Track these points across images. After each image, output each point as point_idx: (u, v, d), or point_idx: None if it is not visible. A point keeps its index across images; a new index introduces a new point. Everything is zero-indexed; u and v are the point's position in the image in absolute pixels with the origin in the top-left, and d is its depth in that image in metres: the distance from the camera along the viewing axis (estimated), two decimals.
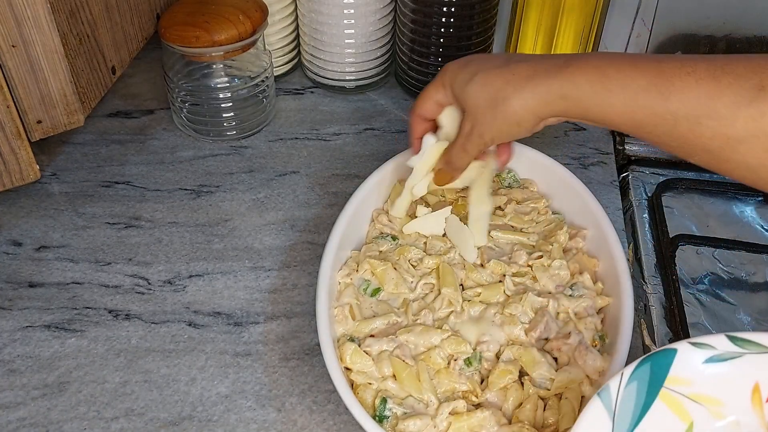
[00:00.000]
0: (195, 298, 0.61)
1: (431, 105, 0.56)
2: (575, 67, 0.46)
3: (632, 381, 0.41)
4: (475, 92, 0.50)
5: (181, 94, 0.75)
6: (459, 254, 0.59)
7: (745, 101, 0.41)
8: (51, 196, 0.70)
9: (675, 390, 0.41)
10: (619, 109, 0.45)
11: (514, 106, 0.48)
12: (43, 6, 0.57)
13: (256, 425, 0.53)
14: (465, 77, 0.51)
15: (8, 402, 0.54)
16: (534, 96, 0.48)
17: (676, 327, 0.61)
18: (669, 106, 0.43)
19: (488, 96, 0.49)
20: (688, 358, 0.41)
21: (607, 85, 0.45)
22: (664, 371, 0.41)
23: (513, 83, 0.48)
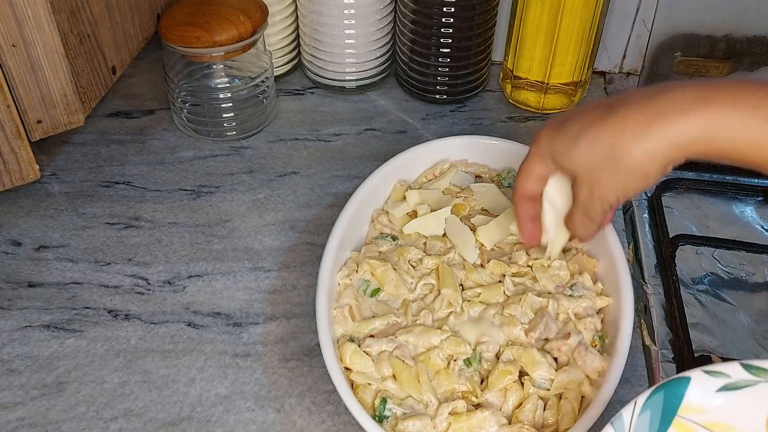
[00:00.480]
0: (194, 298, 0.61)
1: (533, 182, 0.49)
2: (720, 102, 0.40)
3: (645, 409, 0.40)
4: (584, 155, 0.44)
5: (182, 94, 0.75)
6: (459, 254, 0.59)
7: None
8: (51, 196, 0.70)
9: (689, 419, 0.41)
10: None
11: (639, 157, 0.42)
12: (43, 6, 0.57)
13: (255, 426, 0.53)
14: (566, 142, 0.45)
15: (7, 402, 0.54)
16: (663, 142, 0.41)
17: (676, 327, 0.61)
18: None
19: (601, 155, 0.43)
20: (702, 386, 0.41)
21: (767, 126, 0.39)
22: (677, 400, 0.41)
23: (629, 133, 0.42)
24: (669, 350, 0.60)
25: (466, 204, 0.62)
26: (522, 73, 0.78)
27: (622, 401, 0.52)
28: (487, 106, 0.81)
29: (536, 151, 0.48)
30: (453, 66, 0.77)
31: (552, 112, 0.79)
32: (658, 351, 0.59)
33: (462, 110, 0.80)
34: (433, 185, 0.64)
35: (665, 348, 0.60)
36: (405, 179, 0.66)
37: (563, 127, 0.46)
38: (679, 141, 0.41)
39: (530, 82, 0.78)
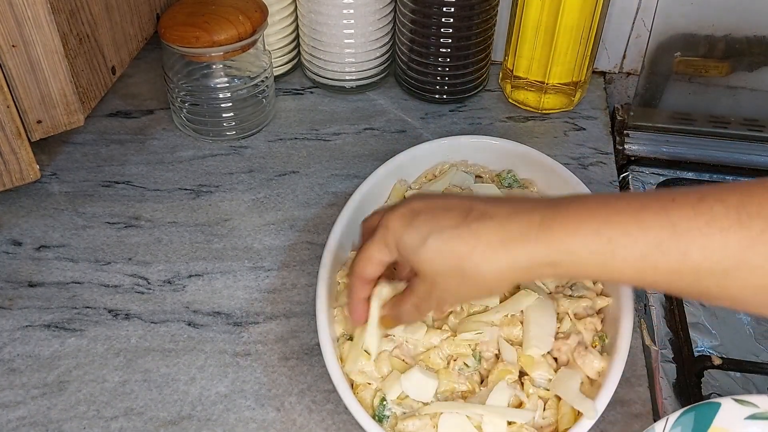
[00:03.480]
0: (194, 297, 0.61)
1: (373, 267, 0.48)
2: (561, 228, 0.40)
3: (676, 426, 0.43)
4: (431, 258, 0.43)
5: (181, 94, 0.75)
6: None
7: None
8: (51, 196, 0.70)
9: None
10: (627, 272, 0.40)
11: (486, 274, 0.42)
12: (43, 6, 0.57)
13: (256, 424, 0.53)
14: (414, 239, 0.44)
15: (8, 401, 0.54)
16: (510, 263, 0.41)
17: (676, 327, 0.61)
18: (689, 263, 0.38)
19: (450, 264, 0.43)
20: (732, 412, 0.43)
21: (611, 248, 0.39)
22: (707, 421, 0.43)
23: (480, 249, 0.42)
24: (669, 350, 0.60)
25: None
26: (522, 73, 0.78)
27: (622, 401, 0.52)
28: (487, 105, 0.81)
29: (382, 238, 0.46)
30: (452, 66, 0.77)
31: (551, 111, 0.80)
32: (658, 351, 0.59)
33: (461, 110, 0.80)
34: (433, 185, 0.64)
35: (665, 348, 0.60)
36: (405, 179, 0.66)
37: (413, 222, 0.44)
38: (527, 266, 0.41)
39: (530, 81, 0.78)
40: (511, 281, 0.44)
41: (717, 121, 0.79)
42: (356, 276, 0.49)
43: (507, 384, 0.50)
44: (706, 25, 0.74)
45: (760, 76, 0.76)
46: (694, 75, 0.78)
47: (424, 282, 0.45)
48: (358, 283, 0.50)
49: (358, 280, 0.49)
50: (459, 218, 0.43)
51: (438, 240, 0.43)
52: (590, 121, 0.79)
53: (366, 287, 0.50)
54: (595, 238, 0.39)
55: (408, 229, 0.44)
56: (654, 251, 0.38)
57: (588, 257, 0.40)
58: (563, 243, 0.40)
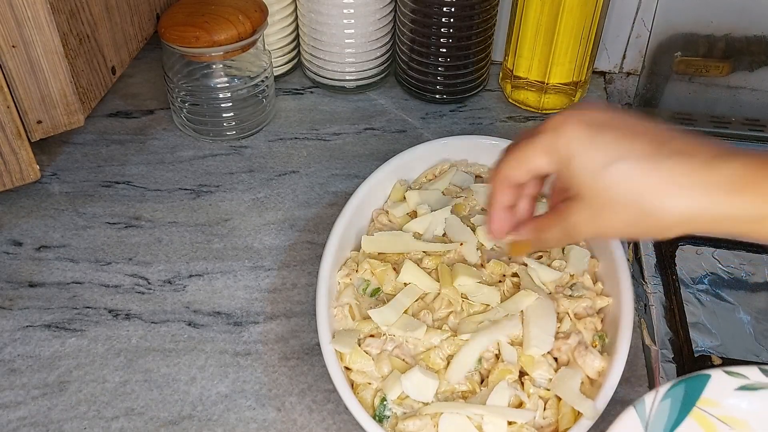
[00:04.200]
0: (195, 297, 0.61)
1: (525, 172, 0.42)
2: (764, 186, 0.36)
3: (666, 398, 0.43)
4: (614, 184, 0.38)
5: (181, 94, 0.75)
6: (459, 254, 0.59)
7: None
8: (51, 196, 0.70)
9: (706, 410, 0.44)
10: None
11: (670, 212, 0.37)
12: (43, 6, 0.57)
13: (256, 424, 0.53)
14: (598, 158, 0.38)
15: (8, 401, 0.54)
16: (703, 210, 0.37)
17: (676, 327, 0.61)
18: None
19: (633, 194, 0.38)
20: (721, 384, 0.44)
21: None
22: (697, 392, 0.44)
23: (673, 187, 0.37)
24: (669, 350, 0.60)
25: (466, 204, 0.62)
26: (522, 73, 0.78)
27: (622, 401, 0.52)
28: (487, 105, 0.81)
29: (550, 142, 0.40)
30: (453, 66, 0.77)
31: (552, 111, 0.80)
32: (658, 350, 0.59)
33: (462, 110, 0.80)
34: (433, 185, 0.64)
35: (665, 348, 0.60)
36: (405, 179, 0.66)
37: (599, 137, 0.39)
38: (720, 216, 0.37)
39: (530, 81, 0.78)
40: (693, 227, 0.38)
41: (717, 121, 0.79)
42: (501, 178, 0.43)
43: (507, 384, 0.50)
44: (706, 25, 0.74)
45: (761, 75, 0.76)
46: (694, 75, 0.78)
47: (588, 206, 0.39)
48: (502, 187, 0.43)
49: (503, 183, 0.43)
50: (653, 147, 0.38)
51: (626, 166, 0.37)
52: None
53: (511, 193, 0.44)
54: None
55: (591, 145, 0.38)
56: None
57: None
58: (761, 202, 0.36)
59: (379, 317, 0.53)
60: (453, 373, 0.51)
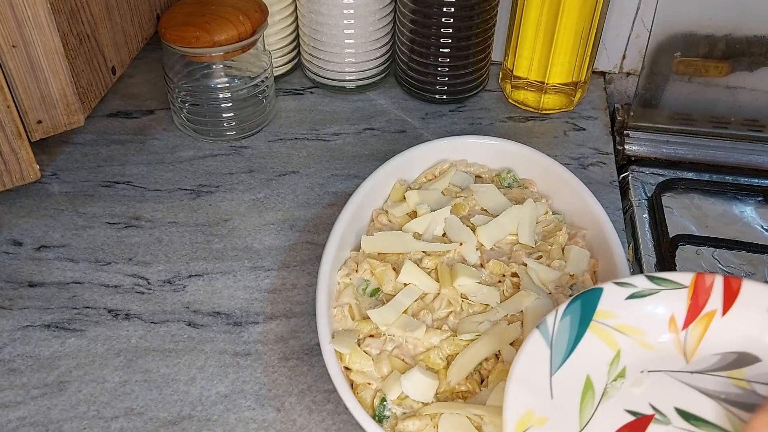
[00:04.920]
0: (195, 297, 0.62)
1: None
2: None
3: (566, 315, 0.46)
4: None
5: (181, 94, 0.75)
6: (458, 254, 0.59)
7: None
8: (51, 196, 0.70)
9: (603, 323, 0.46)
10: None
11: None
12: (43, 6, 0.57)
13: (256, 425, 0.53)
14: None
15: (8, 401, 0.54)
16: None
17: None
18: None
19: None
20: (614, 295, 0.47)
21: None
22: (592, 306, 0.46)
23: None
24: None
25: (465, 204, 0.62)
26: (521, 73, 0.78)
27: None
28: (487, 105, 0.81)
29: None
30: (452, 66, 0.78)
31: (551, 111, 0.80)
32: None
33: (462, 110, 0.80)
34: (432, 185, 0.64)
35: None
36: (405, 179, 0.66)
37: None
38: None
39: (530, 81, 0.78)
40: None
41: (717, 121, 0.79)
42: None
43: None
44: (706, 25, 0.74)
45: (761, 76, 0.76)
46: (694, 75, 0.78)
47: None
48: None
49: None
50: None
51: None
52: (590, 121, 0.79)
53: None
54: None
55: None
56: None
57: None
58: None
59: (379, 317, 0.53)
60: (453, 375, 0.51)
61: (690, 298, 0.47)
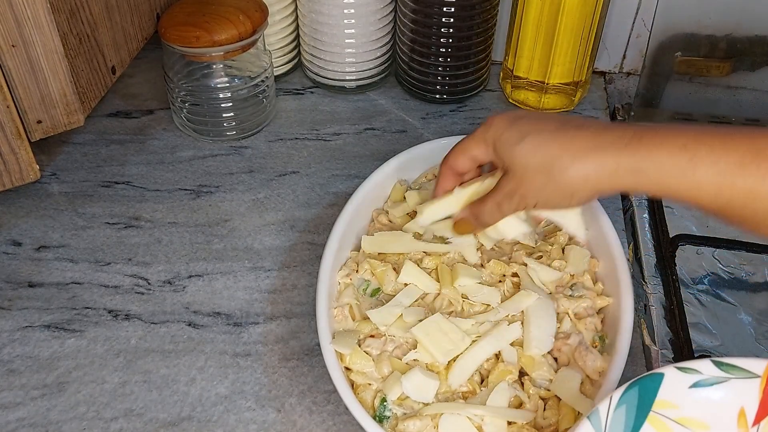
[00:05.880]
0: (194, 298, 0.61)
1: (466, 160, 0.52)
2: (651, 140, 0.43)
3: (621, 405, 0.41)
4: (526, 154, 0.46)
5: (181, 94, 0.75)
6: (459, 254, 0.59)
7: None
8: (51, 196, 0.70)
9: (663, 414, 0.42)
10: (705, 187, 0.42)
11: (572, 176, 0.45)
12: (43, 6, 0.57)
13: (256, 425, 0.53)
14: (513, 136, 0.47)
15: (7, 402, 0.54)
16: (597, 168, 0.44)
17: (676, 327, 0.61)
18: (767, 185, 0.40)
19: (541, 161, 0.46)
20: (675, 382, 0.42)
21: (693, 163, 0.42)
22: (651, 395, 0.42)
23: (572, 152, 0.45)
24: (669, 350, 0.60)
25: None
26: (522, 73, 0.78)
27: None
28: (487, 105, 0.81)
29: (482, 134, 0.50)
30: (453, 66, 0.77)
31: (552, 111, 0.79)
32: (658, 351, 0.59)
33: (462, 110, 0.80)
34: (433, 185, 0.64)
35: (665, 348, 0.60)
36: (405, 179, 0.66)
37: (516, 123, 0.48)
38: (611, 171, 0.44)
39: (530, 81, 0.78)
40: (594, 188, 0.45)
41: (718, 121, 0.79)
42: (447, 165, 0.53)
43: (507, 384, 0.50)
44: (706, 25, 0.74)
45: (761, 76, 0.76)
46: (695, 75, 0.77)
47: (512, 178, 0.48)
48: (447, 173, 0.53)
49: (448, 169, 0.53)
50: (557, 125, 0.47)
51: (535, 139, 0.46)
52: None
53: (453, 179, 0.53)
54: (681, 151, 0.42)
55: (509, 128, 0.48)
56: (735, 170, 0.41)
57: (671, 168, 0.42)
58: (650, 153, 0.43)
59: (378, 318, 0.53)
60: (454, 378, 0.51)
61: (763, 389, 0.41)
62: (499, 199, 0.49)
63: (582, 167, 0.44)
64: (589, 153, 0.44)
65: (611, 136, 0.44)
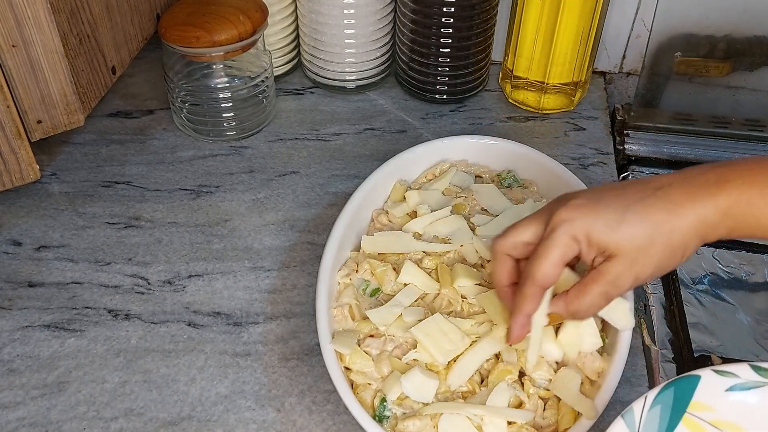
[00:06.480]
0: (194, 298, 0.61)
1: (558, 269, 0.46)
2: (738, 179, 0.43)
3: (656, 404, 0.42)
4: (634, 231, 0.43)
5: (181, 94, 0.75)
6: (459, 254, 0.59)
7: None
8: (51, 196, 0.70)
9: (698, 416, 0.42)
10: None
11: (684, 233, 0.43)
12: (43, 6, 0.57)
13: (256, 425, 0.53)
14: (612, 219, 0.44)
15: (8, 402, 0.54)
16: (701, 219, 0.43)
17: (676, 327, 0.61)
18: None
19: (651, 231, 0.43)
20: (712, 385, 0.42)
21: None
22: (687, 397, 0.42)
23: (674, 211, 0.43)
24: (669, 350, 0.60)
25: (466, 204, 0.62)
26: (521, 73, 0.78)
27: (622, 401, 0.52)
28: (487, 105, 0.81)
29: (567, 232, 0.45)
30: (453, 66, 0.77)
31: (552, 111, 0.79)
32: (658, 351, 0.59)
33: (462, 110, 0.80)
34: (433, 185, 0.64)
35: (665, 348, 0.60)
36: (405, 179, 0.66)
37: (602, 204, 0.45)
38: (711, 219, 0.43)
39: (530, 81, 0.78)
40: (700, 237, 0.44)
41: (717, 121, 0.79)
42: (536, 284, 0.46)
43: (507, 384, 0.50)
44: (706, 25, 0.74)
45: (761, 76, 0.76)
46: (694, 75, 0.78)
47: (620, 262, 0.44)
48: (535, 293, 0.46)
49: (536, 288, 0.46)
50: (641, 191, 0.45)
51: (637, 212, 0.44)
52: (590, 121, 0.79)
53: (540, 297, 0.47)
54: (765, 181, 0.42)
55: (600, 213, 0.44)
56: None
57: (764, 207, 0.42)
58: (742, 193, 0.43)
59: (378, 318, 0.53)
60: (454, 378, 0.51)
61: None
62: (605, 287, 0.45)
63: (687, 223, 0.43)
64: (687, 205, 0.43)
65: (697, 183, 0.44)
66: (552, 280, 0.46)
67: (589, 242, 0.45)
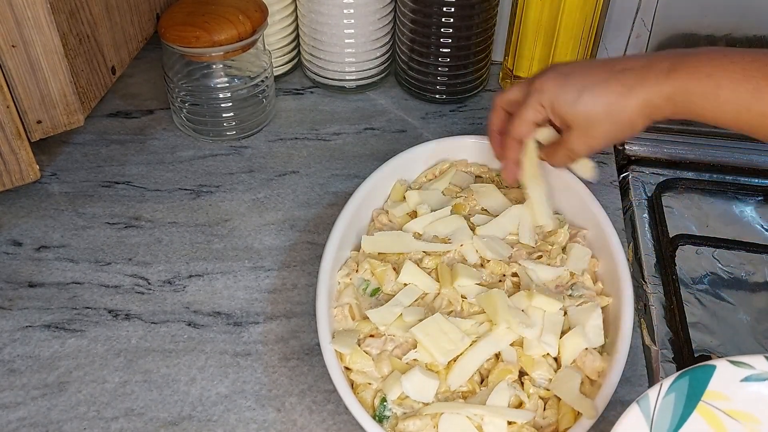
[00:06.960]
0: (195, 298, 0.61)
1: (528, 127, 0.57)
2: (683, 71, 0.49)
3: (671, 392, 0.42)
4: (588, 109, 0.53)
5: (181, 94, 0.75)
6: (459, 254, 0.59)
7: None
8: (51, 196, 0.70)
9: (713, 404, 0.42)
10: (727, 111, 0.49)
11: (631, 112, 0.51)
12: (43, 6, 0.57)
13: (256, 425, 0.53)
14: (571, 96, 0.53)
15: (8, 402, 0.54)
16: (647, 101, 0.51)
17: (676, 327, 0.61)
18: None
19: (602, 110, 0.52)
20: (727, 374, 0.42)
21: (717, 90, 0.48)
22: (702, 385, 0.42)
23: (625, 94, 0.51)
24: (669, 350, 0.60)
25: (466, 204, 0.62)
26: (522, 73, 0.78)
27: (622, 401, 0.52)
28: (487, 105, 0.81)
29: (537, 100, 0.55)
30: (453, 66, 0.77)
31: None
32: (658, 350, 0.59)
33: (462, 110, 0.80)
34: (433, 185, 0.64)
35: (665, 347, 0.60)
36: (405, 179, 0.66)
37: (568, 81, 0.53)
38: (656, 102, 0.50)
39: None
40: (646, 116, 0.52)
41: None
42: (512, 136, 0.58)
43: (507, 384, 0.50)
44: (706, 25, 0.74)
45: None
46: None
47: (575, 132, 0.54)
48: (513, 143, 0.58)
49: (513, 140, 0.58)
50: (606, 73, 0.53)
51: (591, 93, 0.52)
52: None
53: (518, 147, 0.58)
54: (707, 80, 0.49)
55: (563, 88, 0.53)
56: (751, 97, 0.47)
57: (699, 96, 0.49)
58: (683, 84, 0.49)
59: (378, 317, 0.53)
60: (454, 378, 0.51)
61: None
62: (565, 152, 0.56)
63: (635, 103, 0.51)
64: (641, 85, 0.51)
65: (652, 73, 0.50)
66: (524, 134, 0.57)
67: (553, 111, 0.55)
